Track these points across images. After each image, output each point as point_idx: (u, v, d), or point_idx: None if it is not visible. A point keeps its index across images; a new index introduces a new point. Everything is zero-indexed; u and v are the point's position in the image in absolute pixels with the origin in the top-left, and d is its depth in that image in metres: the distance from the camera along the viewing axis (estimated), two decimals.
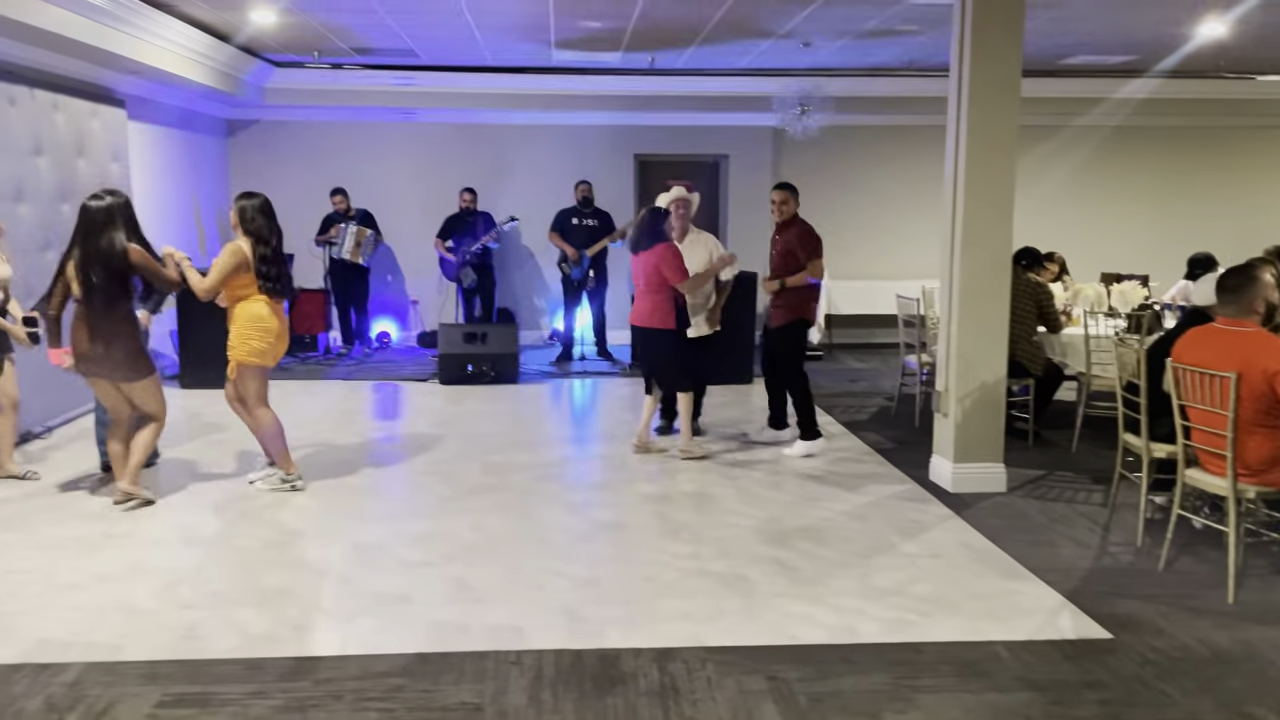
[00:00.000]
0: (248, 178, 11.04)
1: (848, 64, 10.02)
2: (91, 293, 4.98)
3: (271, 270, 5.40)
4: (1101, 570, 4.49)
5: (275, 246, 5.46)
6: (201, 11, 7.54)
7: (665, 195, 6.62)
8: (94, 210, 5.02)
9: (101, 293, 4.98)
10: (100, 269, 4.97)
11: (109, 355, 5.05)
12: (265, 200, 5.50)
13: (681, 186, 6.72)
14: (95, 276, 4.96)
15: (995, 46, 5.44)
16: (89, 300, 5.00)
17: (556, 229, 10.13)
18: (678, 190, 6.65)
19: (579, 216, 10.13)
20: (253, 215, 5.40)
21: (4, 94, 6.44)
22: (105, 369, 5.11)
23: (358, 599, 4.07)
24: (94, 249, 4.98)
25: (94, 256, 4.97)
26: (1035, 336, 6.83)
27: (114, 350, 5.05)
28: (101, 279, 4.97)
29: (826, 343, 11.37)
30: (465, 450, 6.56)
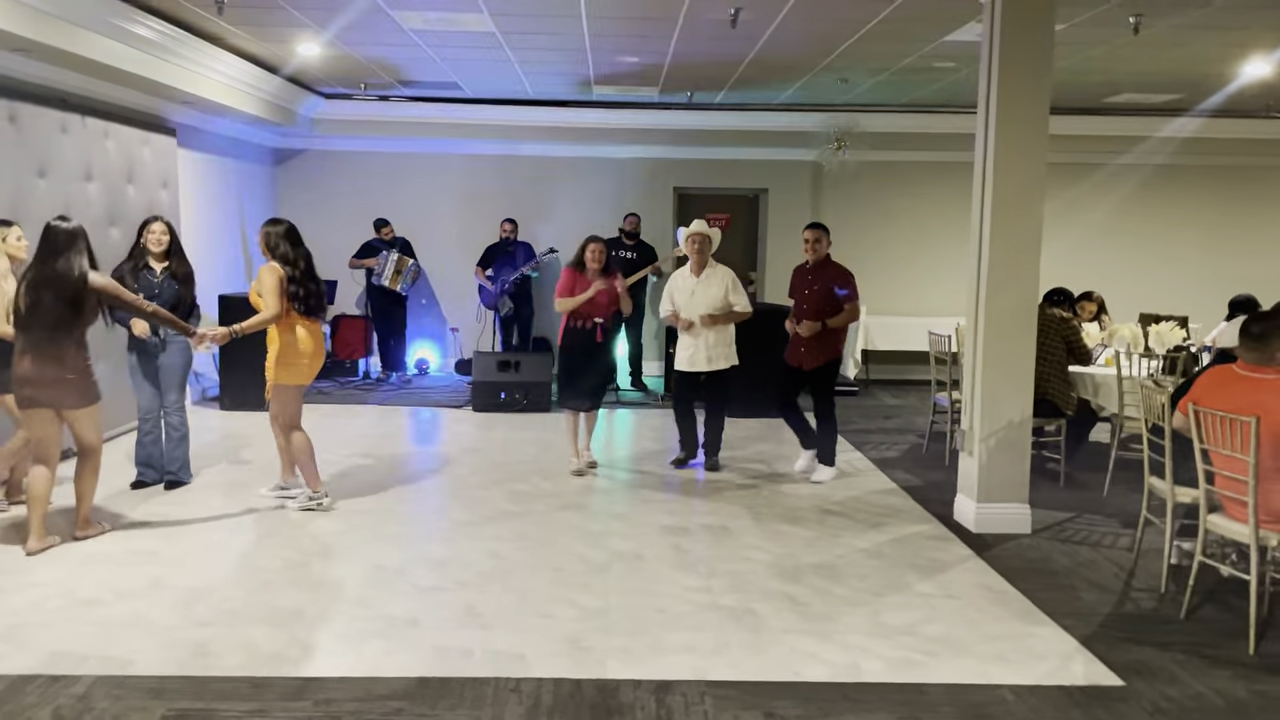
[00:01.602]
0: (295, 206, 11.32)
1: (885, 100, 10.04)
2: (38, 315, 4.76)
3: (299, 291, 5.54)
4: (1120, 616, 4.40)
5: (303, 269, 5.60)
6: (250, 44, 7.79)
7: (684, 229, 6.74)
8: (57, 232, 4.84)
9: (48, 316, 4.76)
10: (51, 293, 4.77)
11: (55, 380, 4.79)
12: (290, 226, 5.67)
13: (704, 221, 6.81)
14: (44, 299, 4.76)
15: (1023, 84, 5.42)
16: (33, 322, 4.76)
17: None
18: (697, 224, 6.74)
19: (620, 248, 10.21)
20: (277, 241, 5.58)
21: (56, 121, 6.69)
22: (48, 395, 4.82)
23: (369, 621, 4.12)
24: (48, 272, 4.78)
25: (46, 279, 4.77)
26: (1067, 375, 6.74)
27: (61, 375, 4.80)
28: (50, 303, 4.76)
29: (863, 378, 11.30)
30: (491, 477, 6.62)
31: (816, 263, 6.47)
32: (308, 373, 5.66)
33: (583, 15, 6.63)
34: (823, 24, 6.82)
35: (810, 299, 6.47)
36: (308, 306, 5.58)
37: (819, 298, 6.45)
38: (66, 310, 4.80)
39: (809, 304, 6.46)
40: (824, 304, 6.41)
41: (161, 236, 5.93)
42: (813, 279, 6.49)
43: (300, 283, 5.55)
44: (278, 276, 5.48)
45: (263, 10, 6.62)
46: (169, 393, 6.05)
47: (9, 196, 6.15)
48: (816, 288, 6.47)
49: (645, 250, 10.34)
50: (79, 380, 4.89)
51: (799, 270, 6.69)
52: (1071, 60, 7.88)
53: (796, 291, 6.64)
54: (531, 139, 11.03)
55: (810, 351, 6.51)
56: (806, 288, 6.53)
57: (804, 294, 6.54)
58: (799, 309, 6.56)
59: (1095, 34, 6.91)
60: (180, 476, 6.16)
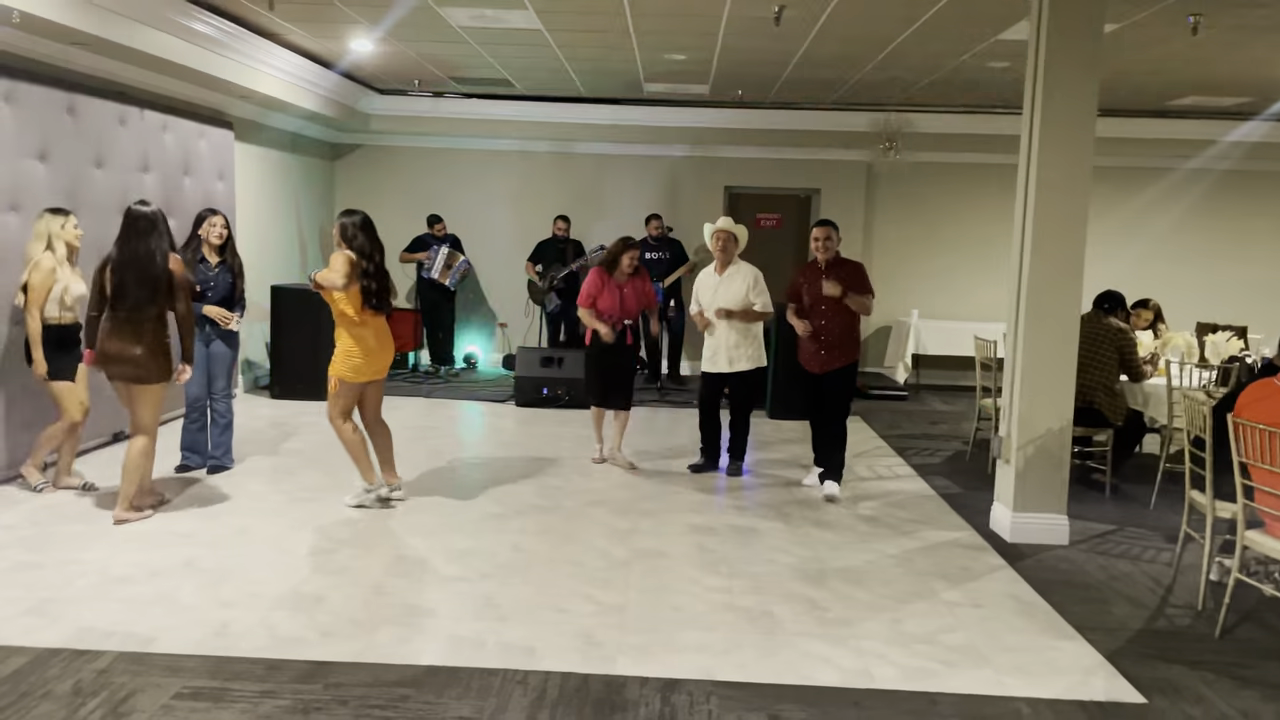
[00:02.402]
0: (351, 201, 11.50)
1: (940, 100, 9.88)
2: (124, 295, 5.03)
3: (373, 285, 5.46)
4: (1152, 632, 4.28)
5: (378, 262, 5.52)
6: (305, 40, 7.94)
7: (709, 225, 6.71)
8: (138, 215, 5.11)
9: (133, 296, 5.03)
10: (134, 272, 5.03)
11: (131, 358, 5.04)
12: (366, 217, 5.55)
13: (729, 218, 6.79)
14: (129, 279, 5.03)
15: (1070, 85, 5.29)
16: (121, 302, 5.03)
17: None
18: (724, 221, 6.68)
19: (650, 250, 10.23)
20: (354, 233, 5.45)
21: (114, 113, 6.89)
22: (124, 371, 5.09)
23: (388, 609, 4.17)
24: (132, 252, 5.06)
25: (131, 260, 5.05)
26: (1117, 385, 6.57)
27: (137, 353, 5.04)
28: (134, 282, 5.03)
29: (913, 383, 11.15)
30: (525, 471, 6.66)
31: (830, 261, 6.21)
32: (367, 370, 5.52)
33: (627, 13, 6.64)
34: (870, 23, 6.74)
35: (827, 300, 6.19)
36: (379, 301, 5.49)
37: (834, 298, 6.21)
38: (147, 291, 5.06)
39: (827, 304, 6.18)
40: (843, 305, 6.17)
41: (221, 230, 6.08)
42: (829, 278, 6.21)
43: (374, 277, 5.45)
44: (349, 258, 5.37)
45: (313, 6, 6.74)
46: (217, 379, 6.19)
47: (67, 185, 6.36)
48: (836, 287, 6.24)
49: (676, 248, 10.38)
50: (150, 357, 5.09)
51: (810, 269, 6.36)
52: (1130, 62, 7.68)
53: (808, 290, 6.29)
54: (583, 137, 11.08)
55: (830, 353, 6.24)
56: (813, 286, 6.29)
57: (817, 294, 6.25)
58: (815, 309, 6.23)
59: (1152, 34, 6.73)
60: (223, 462, 6.31)
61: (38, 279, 5.36)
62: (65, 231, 5.48)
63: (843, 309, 6.13)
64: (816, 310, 6.22)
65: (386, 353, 5.65)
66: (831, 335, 6.19)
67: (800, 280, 6.39)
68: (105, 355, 5.07)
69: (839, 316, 6.17)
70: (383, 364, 5.64)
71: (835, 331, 6.20)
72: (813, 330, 6.21)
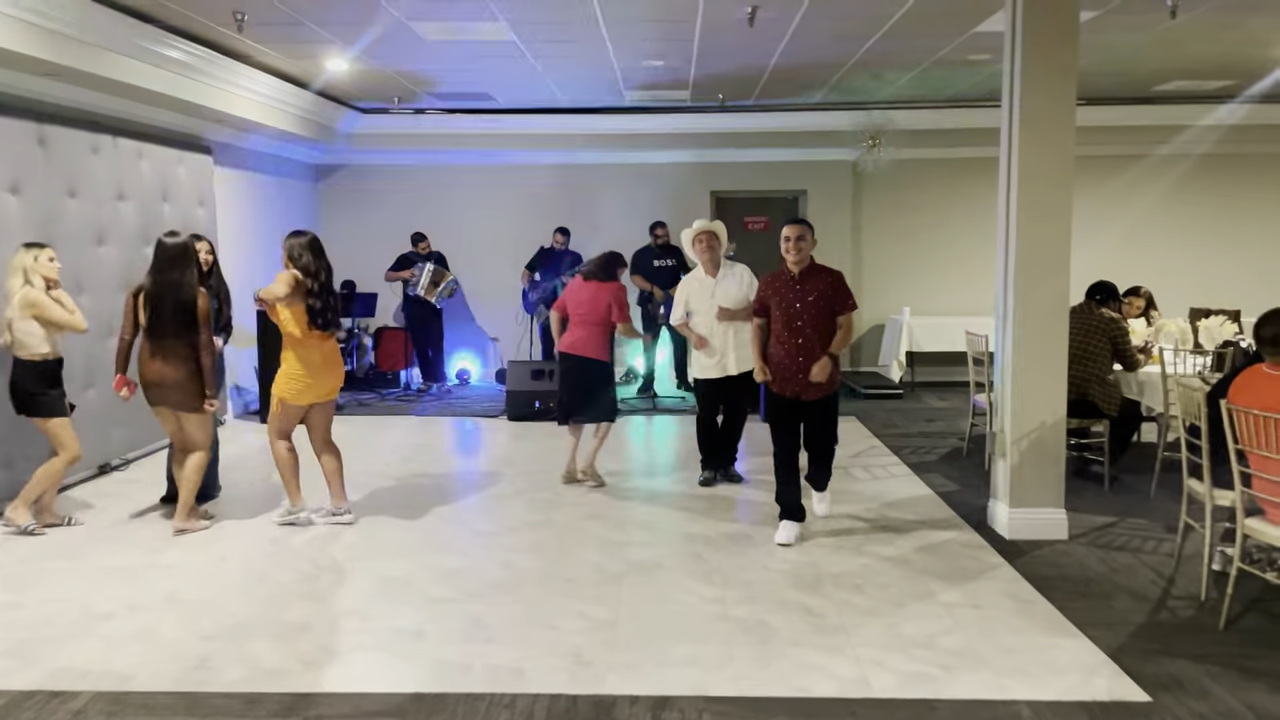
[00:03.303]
0: (336, 221, 11.48)
1: (923, 96, 9.83)
2: (160, 322, 5.32)
3: (318, 304, 5.50)
4: (1155, 626, 4.19)
5: (324, 282, 5.56)
6: (279, 61, 7.88)
7: (687, 231, 6.48)
8: (169, 246, 5.40)
9: (170, 323, 5.32)
10: (170, 300, 5.32)
11: (174, 383, 5.36)
12: (314, 238, 5.62)
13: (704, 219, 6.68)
14: (164, 307, 5.32)
15: (1048, 74, 5.22)
16: (157, 329, 5.33)
17: (639, 271, 10.16)
18: (700, 223, 6.50)
19: (658, 258, 10.16)
20: (300, 252, 5.52)
21: (87, 143, 6.81)
22: (169, 397, 5.41)
23: (373, 635, 4.09)
24: (166, 281, 5.34)
25: (165, 288, 5.33)
26: (1111, 375, 6.49)
27: (179, 378, 5.36)
28: (170, 310, 5.32)
29: (908, 380, 11.07)
30: (516, 486, 6.58)
31: (804, 269, 5.31)
32: (310, 392, 5.54)
33: (600, 20, 6.58)
34: (845, 21, 6.67)
35: (806, 313, 5.24)
36: (325, 320, 5.53)
37: (817, 311, 5.25)
38: (183, 319, 5.36)
39: (805, 320, 5.24)
40: (824, 318, 5.27)
41: (206, 256, 6.04)
42: (803, 288, 5.27)
43: (319, 295, 5.51)
44: (293, 276, 5.43)
45: (283, 27, 6.68)
46: None
47: (39, 217, 6.28)
48: (812, 299, 5.25)
49: (681, 255, 10.26)
50: (190, 384, 5.42)
51: (779, 279, 5.37)
52: (1113, 49, 7.62)
53: (779, 305, 5.32)
54: (566, 147, 11.01)
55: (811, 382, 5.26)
56: (797, 299, 5.27)
57: (793, 308, 5.27)
58: (791, 325, 5.27)
59: (1132, 20, 6.66)
60: (209, 490, 6.22)
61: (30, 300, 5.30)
62: (40, 264, 5.39)
63: (827, 323, 5.28)
64: (793, 326, 5.28)
65: (333, 375, 5.66)
66: (812, 355, 5.25)
67: (767, 292, 5.43)
68: (147, 381, 5.40)
69: (823, 332, 5.28)
70: (329, 387, 5.64)
71: (818, 352, 5.26)
72: (788, 350, 5.29)
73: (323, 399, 5.65)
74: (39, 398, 5.36)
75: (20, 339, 5.30)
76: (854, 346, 11.54)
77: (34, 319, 5.30)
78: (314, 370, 5.53)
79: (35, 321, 5.31)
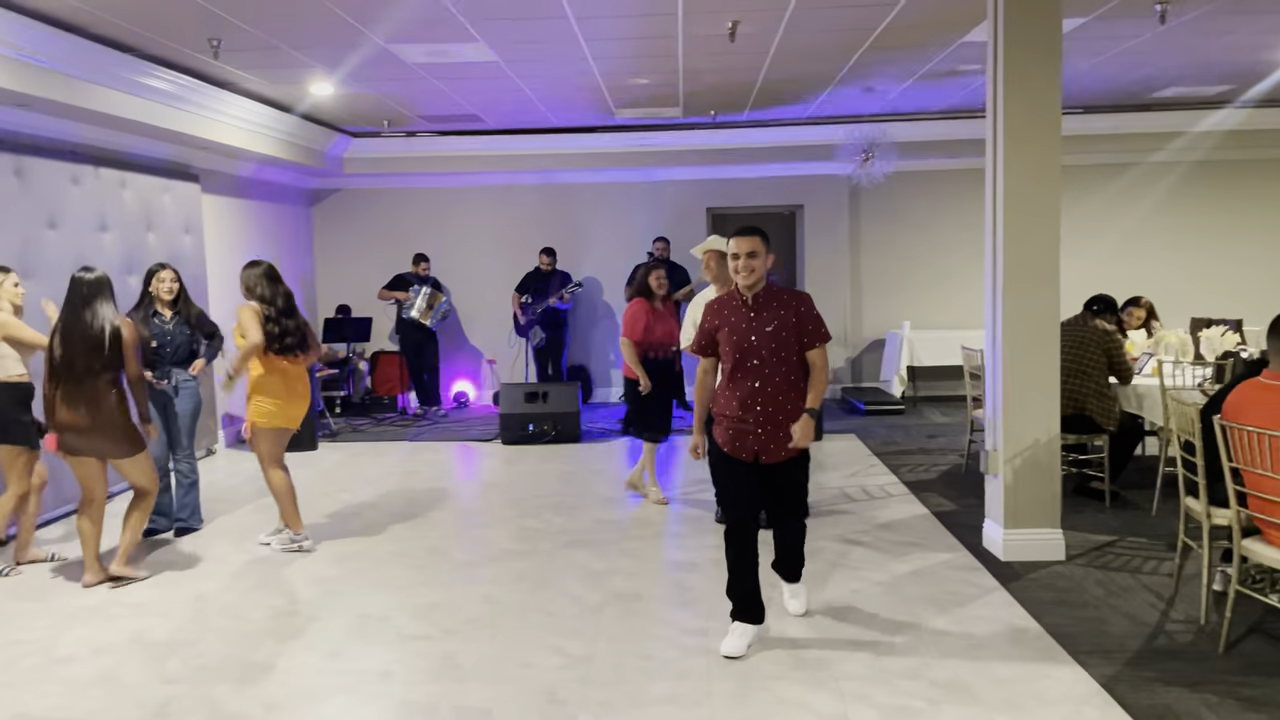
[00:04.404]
0: (331, 245, 11.43)
1: (918, 108, 9.72)
2: (72, 364, 4.87)
3: (275, 329, 5.51)
4: (1152, 652, 4.03)
5: (281, 308, 5.58)
6: (262, 87, 7.82)
7: (698, 246, 6.37)
8: (81, 282, 4.98)
9: (84, 364, 4.87)
10: (80, 340, 4.89)
11: (96, 428, 4.91)
12: (269, 267, 5.65)
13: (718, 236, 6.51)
14: (74, 347, 4.88)
15: (1032, 84, 5.10)
16: (70, 372, 4.87)
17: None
18: (713, 240, 6.35)
19: None
20: (256, 282, 5.58)
21: (66, 173, 6.76)
22: (91, 444, 4.95)
23: (341, 675, 3.96)
24: (78, 321, 4.92)
25: (77, 328, 4.91)
26: (1109, 389, 6.34)
27: (100, 423, 4.91)
28: (80, 351, 4.88)
29: (910, 396, 10.92)
30: (503, 514, 6.46)
31: (760, 291, 4.06)
32: (281, 416, 5.59)
33: (580, 39, 6.49)
34: (828, 34, 6.57)
35: (763, 348, 4.01)
36: (283, 345, 5.53)
37: (778, 345, 4.01)
38: (95, 359, 4.91)
39: (762, 357, 4.01)
40: (787, 355, 4.02)
41: (171, 285, 5.96)
42: (759, 317, 4.04)
43: (276, 320, 5.52)
44: (254, 310, 5.50)
45: (260, 52, 6.62)
46: (178, 440, 6.04)
47: (17, 249, 6.22)
48: (770, 329, 4.01)
49: (678, 272, 10.18)
50: (120, 430, 5.00)
51: (726, 305, 4.12)
52: (1105, 56, 7.50)
53: (729, 338, 4.06)
54: (559, 167, 10.94)
55: (776, 431, 4.04)
56: (751, 332, 4.02)
57: (747, 342, 4.01)
58: (744, 364, 4.04)
59: (1121, 27, 6.54)
60: (190, 523, 6.13)
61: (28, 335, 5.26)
62: (4, 290, 5.31)
63: (791, 362, 4.04)
64: (747, 366, 4.04)
65: (300, 402, 5.65)
66: (775, 403, 4.02)
67: (713, 322, 4.15)
68: (62, 426, 4.91)
69: (786, 373, 4.03)
70: (296, 413, 5.65)
71: (781, 399, 4.03)
72: (741, 397, 4.04)
73: (291, 425, 5.68)
74: (14, 423, 5.21)
75: None
76: (854, 362, 11.41)
77: (4, 340, 5.22)
78: (277, 394, 5.57)
79: (6, 343, 5.23)
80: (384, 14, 5.81)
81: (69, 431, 4.92)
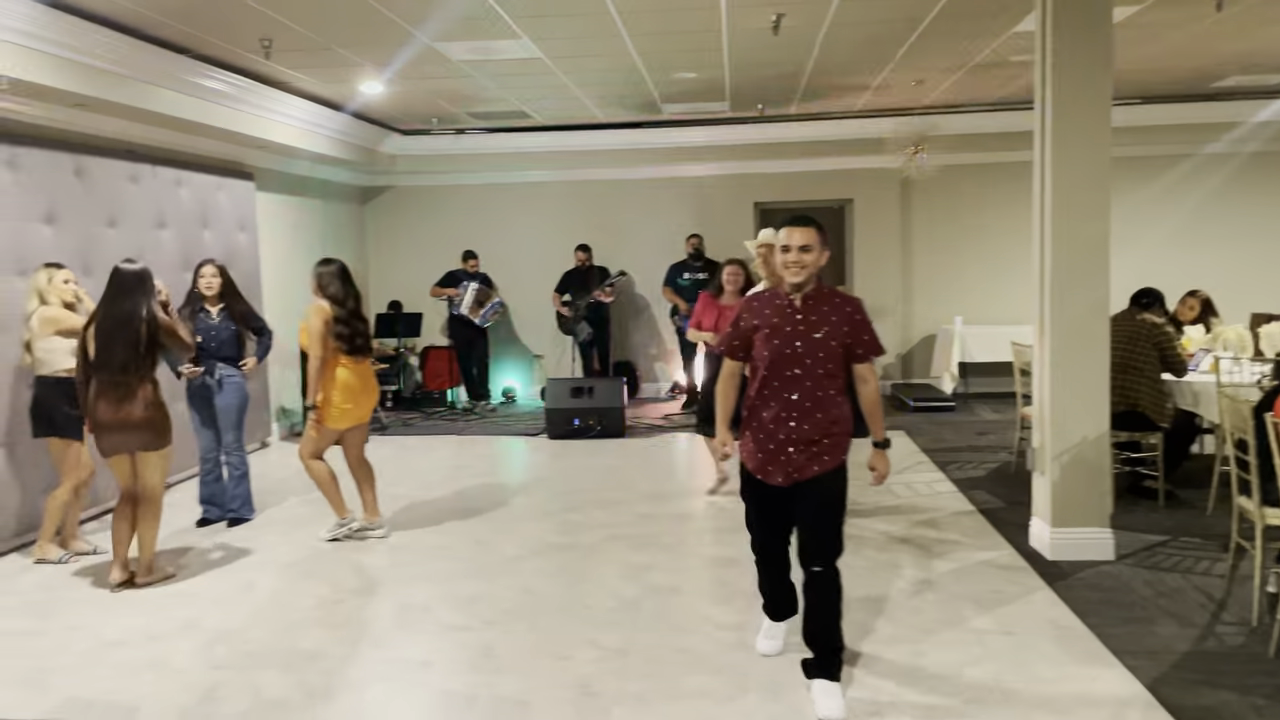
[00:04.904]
0: (382, 242, 11.59)
1: (969, 99, 9.57)
2: (109, 357, 4.82)
3: (346, 330, 5.56)
4: (1199, 654, 3.94)
5: (352, 308, 5.63)
6: (314, 86, 7.96)
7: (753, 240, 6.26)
8: (123, 274, 4.96)
9: (119, 357, 4.81)
10: (120, 334, 4.84)
11: (136, 424, 4.85)
12: (342, 265, 5.71)
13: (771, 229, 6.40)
14: (114, 341, 4.84)
15: (1082, 74, 5.00)
16: (104, 365, 4.82)
17: (669, 284, 10.11)
18: (765, 234, 6.27)
19: (690, 270, 10.08)
20: (330, 280, 5.62)
21: (125, 172, 6.94)
22: (129, 442, 4.91)
23: (382, 664, 4.03)
24: (117, 313, 4.88)
25: (116, 321, 4.87)
26: (1163, 385, 6.19)
27: (142, 418, 4.86)
28: (120, 343, 4.83)
29: (962, 393, 10.76)
30: (546, 508, 6.50)
31: (810, 292, 3.58)
32: (351, 415, 5.65)
33: (623, 33, 6.50)
34: (876, 25, 6.50)
35: (808, 357, 3.53)
36: (353, 346, 5.59)
37: (825, 356, 3.54)
38: (134, 352, 4.84)
39: (806, 366, 3.54)
40: (833, 367, 3.56)
41: (212, 280, 6.04)
42: (807, 320, 3.56)
43: (347, 322, 5.57)
44: (324, 319, 5.51)
45: (310, 52, 6.73)
46: (227, 433, 6.16)
47: (78, 246, 6.40)
48: (819, 336, 3.54)
49: (713, 268, 10.15)
50: (153, 421, 4.93)
51: (768, 304, 3.66)
52: (1162, 45, 7.32)
53: (768, 342, 3.59)
54: (606, 163, 10.97)
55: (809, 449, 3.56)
56: (797, 337, 3.55)
57: (790, 348, 3.54)
58: (778, 373, 3.57)
59: (1177, 15, 6.39)
60: (242, 514, 6.26)
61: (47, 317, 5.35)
62: (54, 285, 5.45)
63: (835, 376, 3.58)
64: (787, 375, 3.56)
65: (370, 397, 5.74)
66: (813, 421, 3.55)
67: (751, 320, 3.68)
68: (99, 424, 4.85)
69: (828, 389, 3.57)
70: (366, 409, 5.74)
71: (820, 415, 3.56)
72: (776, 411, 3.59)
73: (361, 421, 5.76)
74: (64, 416, 5.33)
75: (42, 358, 5.36)
76: (904, 357, 11.28)
77: (55, 335, 5.36)
78: (353, 395, 5.63)
79: (57, 338, 5.36)
80: (429, 12, 5.87)
81: (108, 431, 4.85)
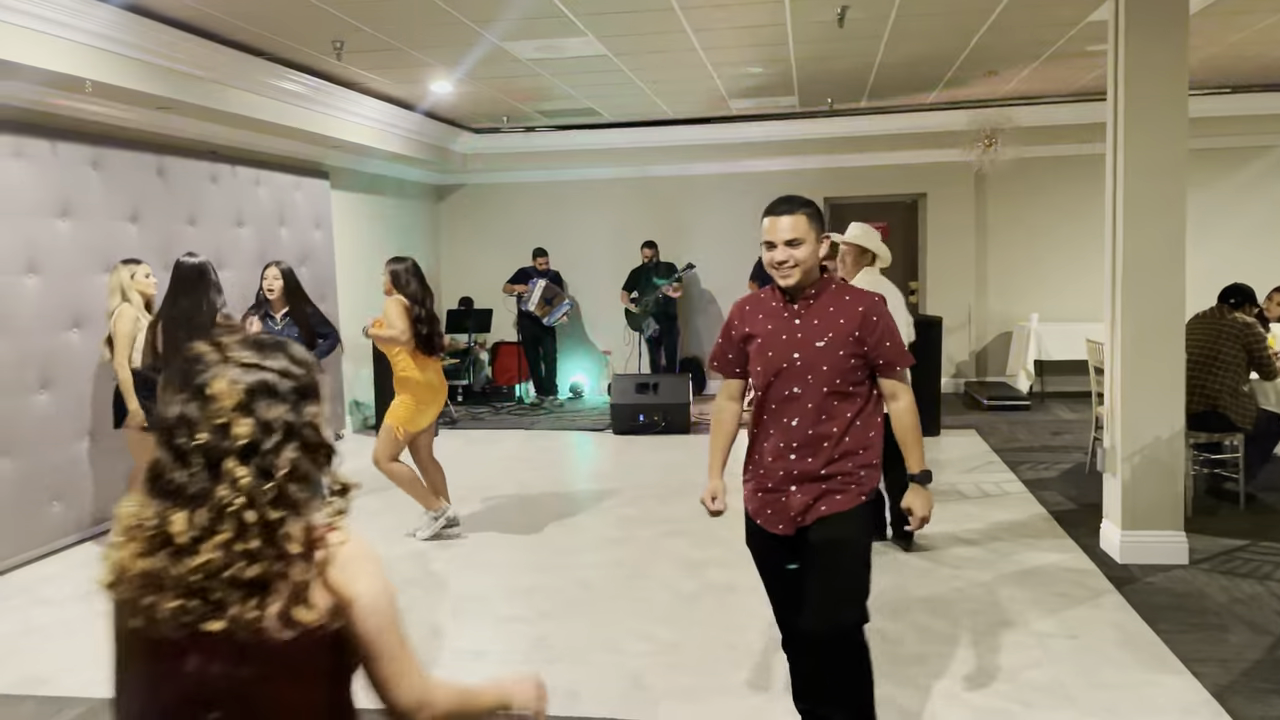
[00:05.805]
0: (456, 240, 11.79)
1: (1045, 91, 9.34)
2: (175, 352, 4.77)
3: (424, 329, 5.54)
4: (1271, 663, 3.80)
5: (428, 307, 5.62)
6: (387, 87, 8.12)
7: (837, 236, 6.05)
8: (184, 268, 5.01)
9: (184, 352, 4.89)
10: (184, 330, 4.83)
11: None
12: (415, 263, 5.69)
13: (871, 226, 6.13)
14: (180, 335, 4.82)
15: (1156, 63, 4.85)
16: (172, 360, 4.77)
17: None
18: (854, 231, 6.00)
19: None
20: (408, 279, 5.56)
21: (206, 172, 7.17)
22: None
23: (437, 653, 4.11)
24: (178, 310, 4.92)
25: (178, 317, 4.91)
26: (1245, 386, 5.97)
27: None
28: (185, 338, 4.72)
29: (1038, 391, 10.51)
30: (607, 502, 6.54)
31: (809, 288, 2.94)
32: (426, 417, 5.61)
33: (687, 29, 6.50)
34: (944, 16, 6.39)
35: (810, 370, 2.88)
36: (431, 345, 5.57)
37: (831, 367, 2.87)
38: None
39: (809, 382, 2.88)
40: (844, 382, 2.87)
41: (274, 283, 6.01)
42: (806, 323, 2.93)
43: (426, 321, 5.54)
44: (404, 306, 5.49)
45: (381, 53, 6.87)
46: None
47: (160, 244, 6.63)
48: (823, 344, 2.88)
49: None
50: None
51: (758, 305, 3.06)
52: (1246, 33, 7.05)
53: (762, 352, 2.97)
54: (675, 160, 10.97)
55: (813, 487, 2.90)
56: (795, 345, 2.91)
57: (787, 359, 2.90)
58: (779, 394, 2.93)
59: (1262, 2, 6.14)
60: None
61: (123, 328, 5.51)
62: (136, 281, 5.62)
63: (848, 394, 2.89)
64: (783, 394, 2.93)
65: (443, 396, 5.75)
66: (820, 452, 2.88)
67: (742, 329, 3.06)
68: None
69: (842, 411, 2.88)
70: (437, 408, 5.73)
71: (828, 445, 2.88)
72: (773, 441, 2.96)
73: (432, 421, 5.75)
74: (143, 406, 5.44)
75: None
76: (979, 355, 11.07)
77: None
78: (433, 394, 5.63)
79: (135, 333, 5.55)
80: (496, 12, 5.94)
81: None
